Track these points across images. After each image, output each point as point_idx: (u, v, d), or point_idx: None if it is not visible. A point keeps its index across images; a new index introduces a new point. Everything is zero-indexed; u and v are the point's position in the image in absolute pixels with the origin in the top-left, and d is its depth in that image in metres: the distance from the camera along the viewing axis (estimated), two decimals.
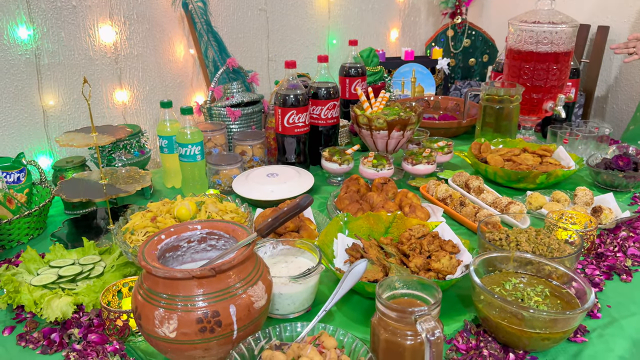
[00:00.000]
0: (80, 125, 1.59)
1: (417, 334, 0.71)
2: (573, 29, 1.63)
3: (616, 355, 0.88)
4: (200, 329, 0.73)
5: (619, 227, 1.26)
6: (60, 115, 1.56)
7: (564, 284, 0.92)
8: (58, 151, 1.57)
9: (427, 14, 2.68)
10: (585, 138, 1.65)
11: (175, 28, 1.74)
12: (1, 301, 0.96)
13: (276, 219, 0.81)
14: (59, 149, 1.57)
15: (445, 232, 1.11)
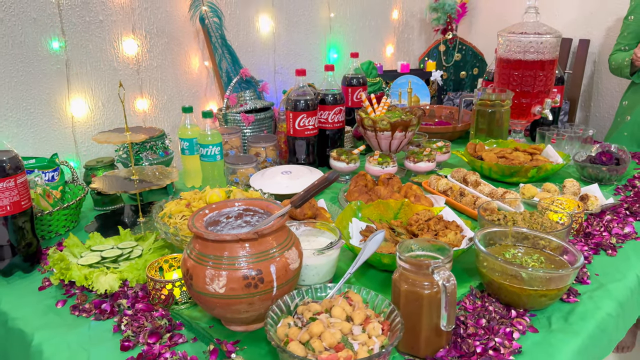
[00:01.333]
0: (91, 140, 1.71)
1: (433, 285, 0.83)
2: (557, 39, 1.79)
3: (604, 312, 1.00)
4: (246, 285, 0.84)
5: (604, 212, 1.40)
6: (87, 121, 1.68)
7: (557, 254, 1.05)
8: (84, 155, 1.68)
9: (419, 30, 2.85)
10: (571, 139, 1.80)
11: (191, 42, 1.88)
12: (54, 278, 1.06)
13: (308, 191, 0.92)
14: (84, 152, 1.68)
15: (448, 215, 1.24)
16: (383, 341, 0.79)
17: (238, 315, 0.88)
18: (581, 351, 0.92)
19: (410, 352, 0.86)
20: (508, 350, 0.87)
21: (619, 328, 1.06)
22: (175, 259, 1.08)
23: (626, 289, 1.09)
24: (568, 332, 0.93)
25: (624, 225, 1.32)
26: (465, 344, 0.87)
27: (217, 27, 1.82)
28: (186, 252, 0.90)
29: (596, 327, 0.97)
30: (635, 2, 2.05)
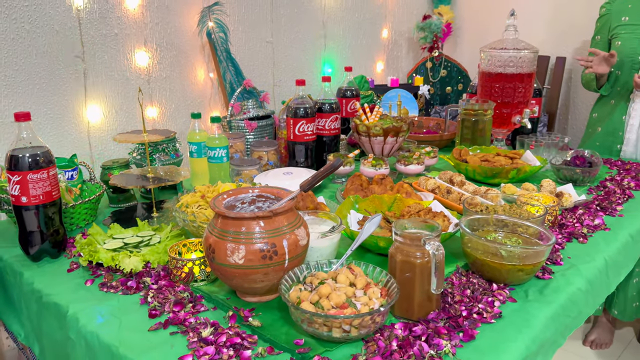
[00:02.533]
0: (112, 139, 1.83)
1: (425, 255, 0.96)
2: (534, 54, 1.96)
3: (575, 287, 1.14)
4: (262, 257, 0.96)
5: (577, 207, 1.55)
6: (101, 126, 1.80)
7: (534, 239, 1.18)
8: (97, 157, 1.80)
9: (407, 48, 3.03)
10: (548, 146, 1.96)
11: (197, 55, 2.02)
12: (82, 260, 1.18)
13: (315, 177, 1.06)
14: (98, 155, 1.80)
15: (437, 207, 1.37)
16: (382, 302, 0.92)
17: (254, 285, 1.00)
18: (554, 318, 1.05)
19: (405, 315, 0.99)
20: (490, 315, 0.99)
21: (589, 303, 1.19)
22: (193, 242, 1.20)
23: (595, 269, 1.23)
24: (543, 302, 1.07)
25: (595, 217, 1.47)
26: (453, 309, 1.00)
27: (223, 42, 1.96)
28: (208, 230, 1.02)
29: (567, 299, 1.10)
30: (600, 23, 2.23)
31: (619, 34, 2.12)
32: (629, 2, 2.14)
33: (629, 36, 2.09)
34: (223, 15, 1.99)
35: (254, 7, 2.17)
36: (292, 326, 0.96)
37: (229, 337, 0.93)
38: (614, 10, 2.17)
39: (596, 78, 2.15)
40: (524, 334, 0.97)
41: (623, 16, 2.13)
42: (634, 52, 2.07)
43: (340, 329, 0.89)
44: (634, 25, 2.09)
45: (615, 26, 2.14)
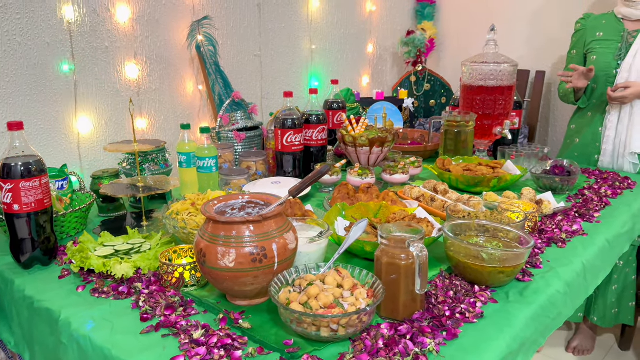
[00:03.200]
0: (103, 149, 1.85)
1: (409, 257, 0.99)
2: (514, 68, 2.03)
3: (554, 289, 1.18)
4: (252, 260, 0.99)
5: (556, 214, 1.60)
6: (91, 137, 1.82)
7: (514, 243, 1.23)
8: (87, 168, 1.81)
9: (392, 63, 3.11)
10: (529, 156, 2.02)
11: (187, 68, 2.05)
12: (74, 266, 1.19)
13: (304, 183, 1.09)
14: (87, 166, 1.82)
15: (421, 214, 1.42)
16: (368, 302, 0.95)
17: (244, 288, 1.03)
18: (534, 318, 1.09)
19: (390, 316, 1.02)
20: (472, 315, 1.03)
21: (567, 304, 1.24)
22: (183, 249, 1.22)
23: (573, 272, 1.28)
24: (523, 303, 1.11)
25: (573, 224, 1.52)
26: (437, 309, 1.03)
27: (212, 55, 2.00)
28: (199, 235, 1.05)
29: (547, 300, 1.15)
30: (576, 38, 2.32)
31: (594, 48, 2.21)
32: (603, 18, 2.23)
33: (603, 51, 2.18)
34: (212, 29, 2.04)
35: (242, 21, 2.22)
36: (281, 327, 0.99)
37: (219, 338, 0.95)
38: (589, 26, 2.25)
39: (574, 91, 2.22)
40: (505, 333, 1.00)
41: (597, 32, 2.21)
42: (609, 66, 2.15)
43: (328, 328, 0.92)
44: (608, 40, 2.18)
45: (590, 41, 2.23)
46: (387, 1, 2.96)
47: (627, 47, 2.13)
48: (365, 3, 2.83)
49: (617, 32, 2.17)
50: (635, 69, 2.09)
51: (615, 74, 2.14)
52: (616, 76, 2.14)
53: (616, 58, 2.14)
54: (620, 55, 2.14)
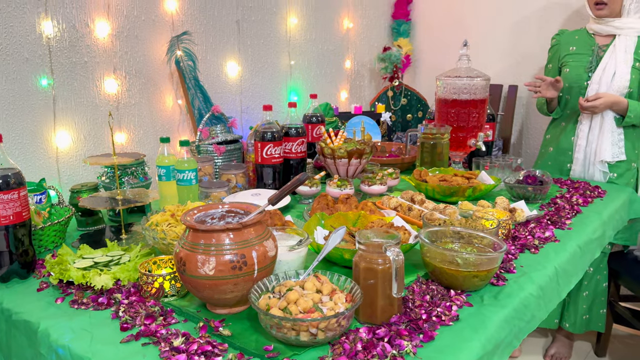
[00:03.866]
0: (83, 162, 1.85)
1: (386, 261, 1.02)
2: (486, 82, 2.10)
3: (527, 292, 1.22)
4: (232, 267, 1.01)
5: (529, 222, 1.65)
6: (69, 151, 1.82)
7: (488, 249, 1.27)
8: (65, 183, 1.81)
9: (370, 78, 3.17)
10: (502, 167, 2.08)
11: (166, 82, 2.07)
12: (53, 278, 1.19)
13: (283, 191, 1.11)
14: (66, 180, 1.81)
15: (398, 222, 1.45)
16: (347, 306, 0.97)
17: (224, 296, 1.04)
18: (507, 320, 1.12)
19: (369, 320, 1.04)
20: (448, 318, 1.06)
21: (541, 308, 1.27)
22: (163, 260, 1.23)
23: (545, 277, 1.32)
24: (497, 306, 1.14)
25: (545, 230, 1.57)
26: (413, 312, 1.06)
27: (191, 70, 2.03)
28: (179, 244, 1.06)
29: (520, 303, 1.18)
30: (551, 53, 2.41)
31: (567, 62, 2.30)
32: (576, 34, 2.33)
33: (575, 64, 2.27)
34: (192, 45, 2.06)
35: (221, 37, 2.25)
36: (261, 334, 1.00)
37: (200, 345, 0.96)
38: (563, 41, 2.35)
39: (547, 102, 2.30)
40: (479, 335, 1.03)
41: (571, 46, 2.31)
42: (580, 78, 2.24)
43: (307, 332, 0.93)
44: (580, 54, 2.27)
45: (564, 55, 2.32)
46: (364, 18, 3.03)
47: (597, 60, 2.22)
48: (342, 20, 2.89)
49: (589, 47, 2.26)
50: (604, 81, 2.18)
51: (586, 85, 2.22)
52: (587, 87, 2.22)
53: (587, 70, 2.23)
54: (591, 68, 2.22)
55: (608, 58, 2.20)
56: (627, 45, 2.18)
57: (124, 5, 1.90)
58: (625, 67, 2.15)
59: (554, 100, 2.28)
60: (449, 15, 3.10)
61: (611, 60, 2.19)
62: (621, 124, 2.16)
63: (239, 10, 2.31)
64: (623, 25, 2.18)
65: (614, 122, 2.17)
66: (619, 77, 2.16)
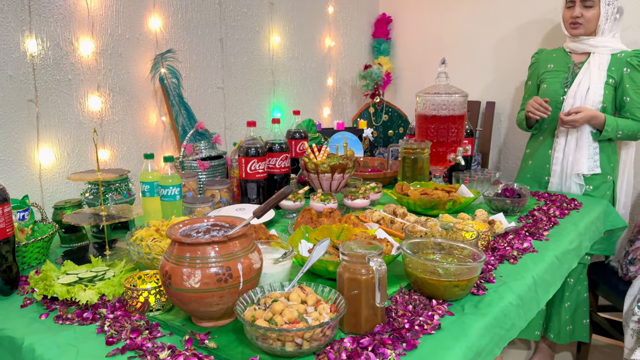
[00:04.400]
0: (67, 179, 1.85)
1: (369, 272, 1.04)
2: (464, 98, 2.16)
3: (507, 301, 1.25)
4: (217, 280, 1.02)
5: (508, 233, 1.69)
6: (53, 168, 1.82)
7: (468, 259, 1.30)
8: (48, 199, 1.80)
9: (351, 95, 3.22)
10: (481, 180, 2.13)
11: (150, 99, 2.09)
12: (37, 294, 1.19)
13: (268, 204, 1.13)
14: (49, 197, 1.81)
15: (381, 235, 1.48)
16: (331, 316, 0.99)
17: (210, 309, 1.05)
18: (488, 328, 1.15)
19: (353, 330, 1.06)
20: (430, 326, 1.08)
21: (520, 316, 1.30)
22: (147, 274, 1.23)
23: (524, 286, 1.35)
24: (478, 315, 1.17)
25: (524, 241, 1.61)
26: (397, 322, 1.08)
27: (175, 87, 2.05)
28: (164, 258, 1.07)
29: (500, 312, 1.21)
30: (531, 70, 2.50)
31: (545, 78, 2.38)
32: (554, 52, 2.41)
33: (552, 80, 2.35)
34: (176, 62, 2.09)
35: (205, 54, 2.28)
36: (247, 345, 1.02)
37: (186, 358, 0.97)
38: (542, 59, 2.44)
39: (526, 118, 2.37)
40: (461, 343, 1.06)
41: (549, 64, 2.40)
42: (557, 94, 2.31)
43: (293, 342, 0.95)
44: (557, 71, 2.36)
45: (542, 72, 2.40)
46: (345, 37, 3.10)
47: (572, 77, 2.30)
48: (324, 39, 2.95)
49: (565, 64, 2.34)
50: (579, 96, 2.26)
51: (562, 100, 2.30)
52: (563, 102, 2.30)
53: (563, 86, 2.31)
54: (567, 84, 2.30)
55: (583, 74, 2.28)
56: (600, 63, 2.26)
57: (108, 24, 1.92)
58: (598, 83, 2.24)
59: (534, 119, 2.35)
60: (428, 35, 3.18)
61: (585, 76, 2.27)
62: (598, 137, 2.24)
63: (223, 29, 2.34)
64: (597, 44, 2.27)
65: (590, 136, 2.25)
66: (593, 92, 2.24)
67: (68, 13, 1.80)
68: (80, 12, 1.84)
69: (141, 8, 2.03)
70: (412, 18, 3.24)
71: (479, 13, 2.96)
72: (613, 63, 2.24)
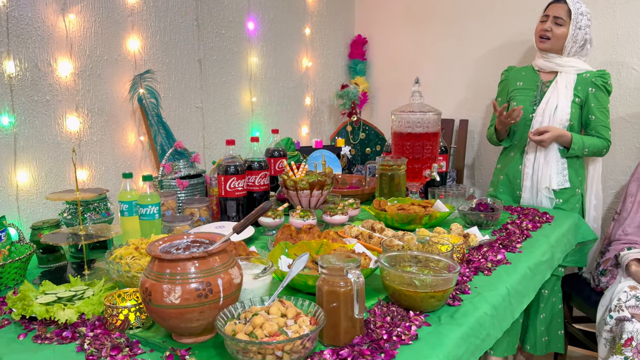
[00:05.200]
0: (44, 200, 1.84)
1: (348, 284, 1.07)
2: (437, 116, 2.22)
3: (481, 312, 1.29)
4: (198, 295, 1.03)
5: (482, 246, 1.74)
6: (30, 189, 1.81)
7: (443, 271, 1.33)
8: (25, 220, 1.79)
9: (329, 114, 3.28)
10: (456, 196, 2.18)
11: (128, 119, 2.10)
12: (15, 314, 1.18)
13: (247, 219, 1.16)
14: (26, 218, 1.79)
15: (359, 249, 1.50)
16: (311, 329, 1.01)
17: (190, 325, 1.06)
18: (464, 338, 1.18)
19: (332, 342, 1.08)
20: (407, 337, 1.11)
21: (495, 326, 1.34)
22: (127, 292, 1.23)
23: (498, 297, 1.39)
24: (454, 325, 1.20)
25: (497, 254, 1.66)
26: (375, 333, 1.10)
27: (154, 107, 2.07)
28: (144, 275, 1.08)
29: (475, 322, 1.25)
30: (500, 87, 2.59)
31: (515, 96, 2.46)
32: (523, 70, 2.51)
33: (522, 98, 2.43)
34: (154, 83, 2.11)
35: (184, 75, 2.31)
36: None
37: None
38: (511, 77, 2.52)
39: (496, 132, 2.45)
40: (437, 352, 1.08)
41: (518, 82, 2.48)
42: (526, 111, 2.39)
43: (273, 355, 0.96)
44: (526, 89, 2.44)
45: (512, 90, 2.49)
46: (322, 58, 3.16)
47: (541, 95, 2.39)
48: (301, 60, 3.01)
49: (534, 82, 2.43)
50: (547, 114, 2.34)
51: (532, 117, 2.38)
52: (532, 120, 2.38)
53: (532, 104, 2.40)
54: (536, 102, 2.39)
55: (550, 93, 2.37)
56: (567, 82, 2.36)
57: (87, 45, 1.94)
58: (566, 101, 2.33)
59: (504, 131, 2.43)
60: (402, 55, 3.27)
61: (553, 95, 2.36)
62: (565, 154, 2.32)
63: (201, 50, 2.38)
64: (564, 63, 2.36)
65: (558, 152, 2.33)
66: (561, 110, 2.32)
67: (46, 34, 1.82)
68: (59, 33, 1.85)
69: (120, 30, 2.05)
70: (387, 39, 3.32)
71: (451, 34, 3.06)
72: (579, 82, 2.34)
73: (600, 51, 2.60)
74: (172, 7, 2.23)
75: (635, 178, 2.25)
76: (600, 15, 2.58)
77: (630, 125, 2.57)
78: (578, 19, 2.29)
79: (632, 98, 2.55)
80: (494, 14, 2.89)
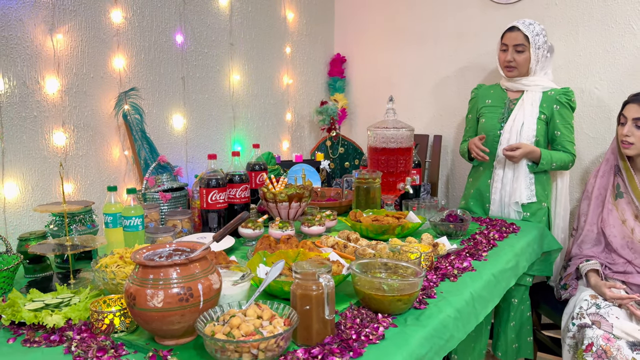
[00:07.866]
0: (31, 212, 1.90)
1: (319, 288, 1.16)
2: (410, 132, 2.34)
3: (445, 314, 1.38)
4: (179, 299, 1.11)
5: (450, 254, 1.84)
6: (17, 202, 1.87)
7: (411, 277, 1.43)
8: (12, 232, 1.85)
9: (309, 129, 3.38)
10: (428, 208, 2.29)
11: (113, 135, 2.18)
12: (4, 320, 1.24)
13: (226, 228, 1.24)
14: (12, 230, 1.85)
15: (334, 257, 1.60)
16: (284, 329, 1.10)
17: (172, 327, 1.13)
18: (428, 338, 1.27)
19: (305, 343, 1.16)
20: (375, 337, 1.20)
21: (459, 328, 1.44)
22: (112, 299, 1.31)
23: (463, 301, 1.49)
24: (419, 326, 1.29)
25: (464, 261, 1.76)
26: (345, 333, 1.19)
27: (138, 123, 2.14)
28: (128, 281, 1.16)
29: (439, 323, 1.34)
30: (471, 105, 2.71)
31: (484, 113, 2.59)
32: (492, 88, 2.64)
33: (490, 115, 2.56)
34: (139, 99, 2.19)
35: (167, 92, 2.40)
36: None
37: None
38: (480, 94, 2.65)
39: (468, 151, 2.57)
40: (402, 350, 1.18)
41: (487, 99, 2.61)
42: (494, 128, 2.52)
43: (249, 353, 1.04)
44: (494, 106, 2.57)
45: (481, 107, 2.62)
46: (302, 75, 3.27)
47: (508, 112, 2.52)
48: (282, 77, 3.12)
49: (502, 100, 2.57)
50: (514, 130, 2.47)
51: (499, 134, 2.51)
52: (500, 136, 2.50)
53: (500, 121, 2.52)
54: (503, 119, 2.52)
55: (517, 111, 2.50)
56: (533, 100, 2.49)
57: (73, 64, 2.02)
58: (532, 118, 2.46)
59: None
60: (379, 73, 3.40)
61: (520, 112, 2.49)
62: (534, 170, 2.44)
63: (184, 68, 2.47)
64: (530, 83, 2.50)
65: (527, 168, 2.45)
66: (527, 127, 2.45)
67: (35, 53, 1.89)
68: (47, 52, 1.93)
69: (106, 49, 2.13)
70: (365, 58, 3.45)
71: (424, 54, 3.20)
72: (544, 100, 2.48)
73: (564, 71, 2.75)
74: (156, 27, 2.32)
75: (585, 196, 2.38)
76: (564, 37, 2.73)
77: (594, 140, 2.72)
78: (536, 40, 2.42)
79: (595, 115, 2.70)
80: (465, 36, 3.03)
